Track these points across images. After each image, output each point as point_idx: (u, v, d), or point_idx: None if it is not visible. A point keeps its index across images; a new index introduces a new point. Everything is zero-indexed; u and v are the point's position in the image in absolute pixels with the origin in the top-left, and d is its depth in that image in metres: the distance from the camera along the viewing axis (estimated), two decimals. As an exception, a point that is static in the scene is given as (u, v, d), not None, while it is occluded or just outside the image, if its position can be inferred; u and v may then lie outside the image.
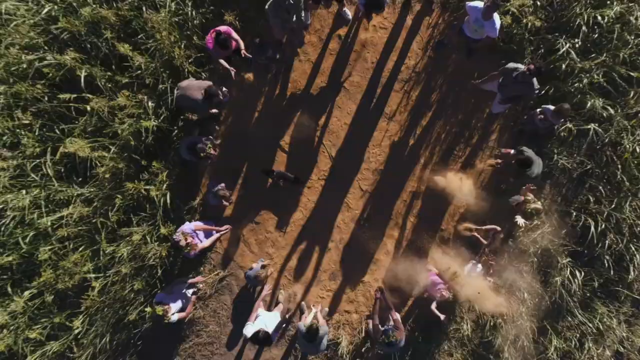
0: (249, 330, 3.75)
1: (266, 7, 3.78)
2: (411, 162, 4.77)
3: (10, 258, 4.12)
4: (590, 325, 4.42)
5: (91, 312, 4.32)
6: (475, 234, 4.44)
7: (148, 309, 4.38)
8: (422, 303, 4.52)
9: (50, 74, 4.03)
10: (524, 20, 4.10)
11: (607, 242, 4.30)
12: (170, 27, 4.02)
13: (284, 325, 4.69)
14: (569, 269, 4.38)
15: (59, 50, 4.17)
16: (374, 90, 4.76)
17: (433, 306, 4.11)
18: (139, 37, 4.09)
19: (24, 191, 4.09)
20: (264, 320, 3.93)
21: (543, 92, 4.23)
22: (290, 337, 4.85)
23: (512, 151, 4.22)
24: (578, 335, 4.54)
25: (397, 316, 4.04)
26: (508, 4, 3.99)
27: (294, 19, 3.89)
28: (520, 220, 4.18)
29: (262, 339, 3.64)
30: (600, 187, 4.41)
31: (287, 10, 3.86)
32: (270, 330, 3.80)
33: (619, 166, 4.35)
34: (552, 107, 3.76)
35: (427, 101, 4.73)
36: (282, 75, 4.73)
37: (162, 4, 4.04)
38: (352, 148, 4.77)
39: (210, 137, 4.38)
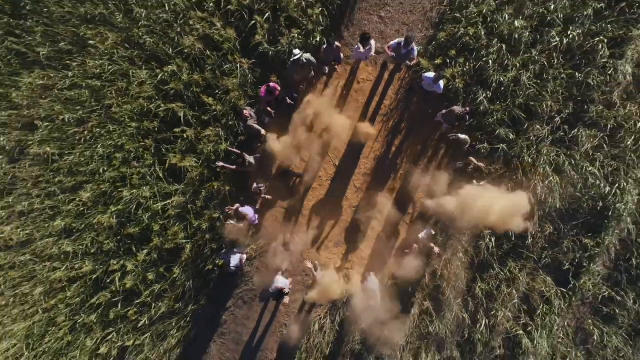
0: (272, 288, 6.18)
1: (288, 64, 6.26)
2: (389, 168, 7.18)
3: (136, 230, 6.64)
4: (503, 274, 6.82)
5: (183, 264, 6.81)
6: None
7: (217, 261, 6.85)
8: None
9: (162, 115, 6.56)
10: (456, 81, 6.54)
11: (511, 219, 6.71)
12: (236, 86, 6.52)
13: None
14: (488, 237, 6.78)
15: (164, 98, 6.69)
16: (365, 119, 7.21)
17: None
18: (216, 92, 6.60)
19: (145, 187, 6.60)
20: (281, 283, 6.32)
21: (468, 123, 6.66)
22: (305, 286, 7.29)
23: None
24: (497, 282, 6.93)
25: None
26: (444, 72, 6.42)
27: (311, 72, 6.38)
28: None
29: (282, 295, 6.04)
30: (510, 185, 6.82)
31: (302, 66, 6.33)
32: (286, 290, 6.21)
33: (521, 171, 6.75)
34: (464, 136, 6.23)
35: (398, 128, 7.16)
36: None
37: (231, 71, 6.55)
38: (349, 159, 7.21)
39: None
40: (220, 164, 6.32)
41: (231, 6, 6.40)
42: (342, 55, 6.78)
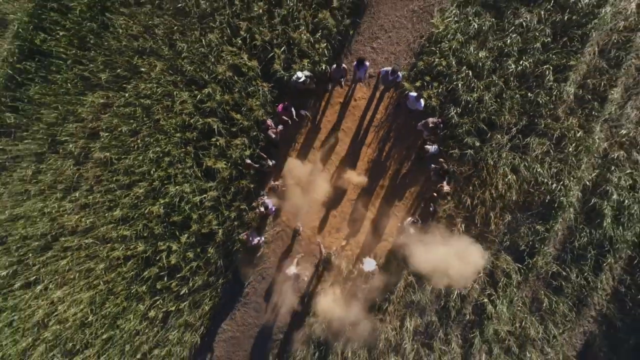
0: (290, 272, 7.97)
1: (292, 81, 7.97)
2: (379, 169, 8.87)
3: (179, 217, 8.39)
4: (471, 253, 8.49)
5: (216, 246, 8.54)
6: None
7: (241, 237, 8.54)
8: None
9: (200, 127, 8.31)
10: (432, 100, 8.25)
11: (477, 209, 8.38)
12: (258, 105, 8.26)
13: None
14: (460, 224, 8.46)
15: (201, 114, 8.44)
16: (359, 131, 8.91)
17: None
18: (242, 109, 8.35)
19: (186, 184, 8.35)
20: (296, 269, 8.08)
21: (442, 133, 8.36)
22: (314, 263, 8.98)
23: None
24: (467, 260, 8.60)
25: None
26: (423, 92, 8.13)
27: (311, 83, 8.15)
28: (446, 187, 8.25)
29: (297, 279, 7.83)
30: (477, 182, 8.50)
31: (303, 82, 8.01)
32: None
33: (485, 171, 8.43)
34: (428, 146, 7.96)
35: (387, 136, 8.86)
36: (306, 122, 8.90)
37: (254, 93, 8.29)
38: (347, 162, 8.91)
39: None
40: (248, 161, 8.06)
41: (256, 41, 8.15)
42: (348, 74, 8.54)
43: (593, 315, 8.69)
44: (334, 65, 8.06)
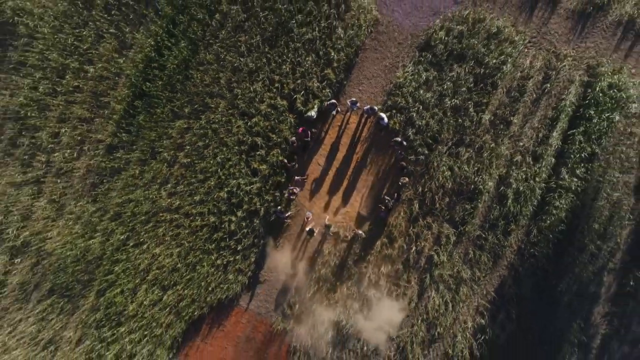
0: (308, 229, 12.73)
1: (306, 116, 12.78)
2: (366, 166, 13.54)
3: (236, 200, 13.23)
4: (424, 223, 13.12)
5: (259, 219, 13.33)
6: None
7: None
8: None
9: (249, 143, 13.13)
10: (396, 125, 12.94)
11: (427, 194, 13.02)
12: (286, 128, 13.05)
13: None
14: (415, 203, 13.11)
15: (250, 134, 13.26)
16: (353, 142, 13.62)
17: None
18: (276, 130, 13.16)
19: (240, 179, 13.17)
20: (311, 227, 12.84)
21: (406, 144, 13.04)
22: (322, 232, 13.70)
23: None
24: (421, 228, 13.23)
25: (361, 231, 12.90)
26: (391, 120, 12.82)
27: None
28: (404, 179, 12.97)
29: (312, 233, 12.61)
30: (426, 177, 13.13)
31: (313, 118, 12.80)
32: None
33: (432, 169, 13.05)
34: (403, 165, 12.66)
35: (370, 147, 13.54)
36: (316, 138, 13.65)
37: (283, 120, 13.10)
38: (344, 162, 13.62)
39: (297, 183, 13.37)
40: (285, 160, 12.91)
41: (284, 90, 12.96)
42: (338, 107, 13.28)
43: (505, 264, 13.25)
44: (327, 102, 12.83)
